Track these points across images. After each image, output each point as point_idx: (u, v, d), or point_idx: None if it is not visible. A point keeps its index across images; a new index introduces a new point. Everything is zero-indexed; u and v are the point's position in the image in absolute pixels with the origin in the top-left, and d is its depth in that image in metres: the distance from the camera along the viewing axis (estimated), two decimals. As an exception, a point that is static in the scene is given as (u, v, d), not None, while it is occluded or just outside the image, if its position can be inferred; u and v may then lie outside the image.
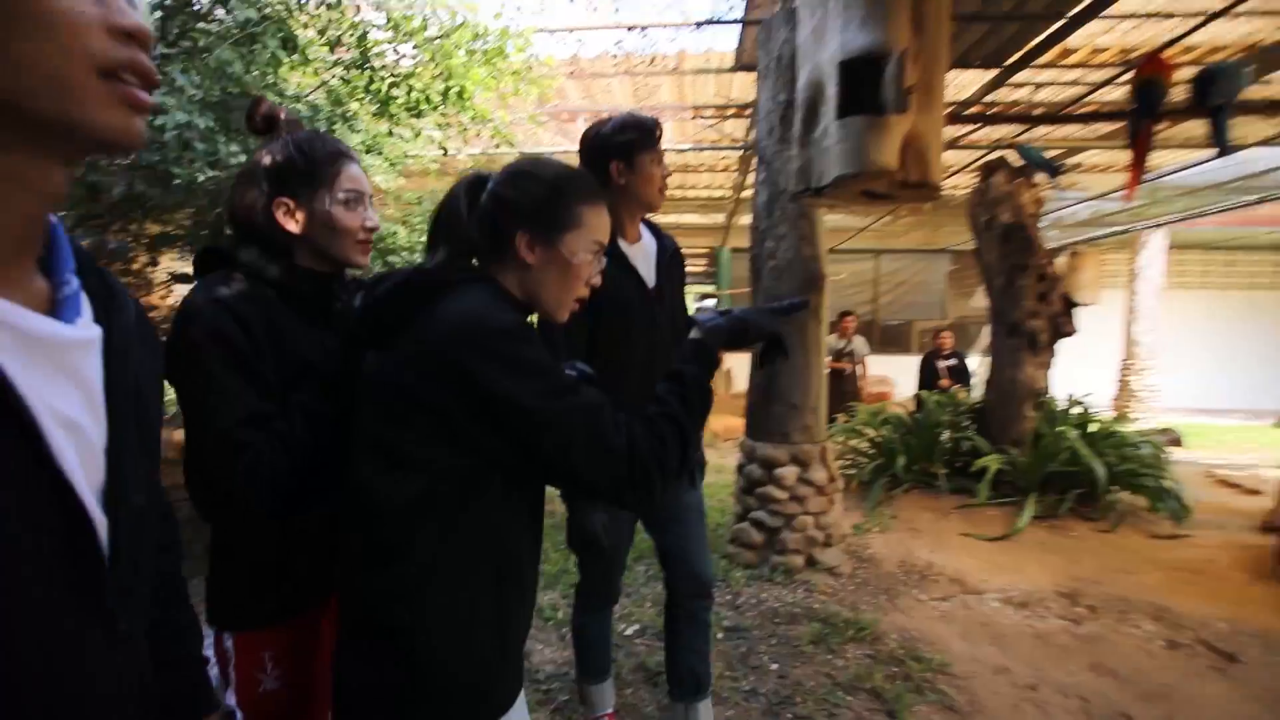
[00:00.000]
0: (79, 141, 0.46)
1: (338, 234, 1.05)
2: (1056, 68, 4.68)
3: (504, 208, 0.87)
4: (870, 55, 2.23)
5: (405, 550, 0.79)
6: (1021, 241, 4.09)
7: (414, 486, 0.78)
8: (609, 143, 1.53)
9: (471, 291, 0.83)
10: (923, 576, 3.16)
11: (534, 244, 0.86)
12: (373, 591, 0.80)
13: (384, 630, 0.79)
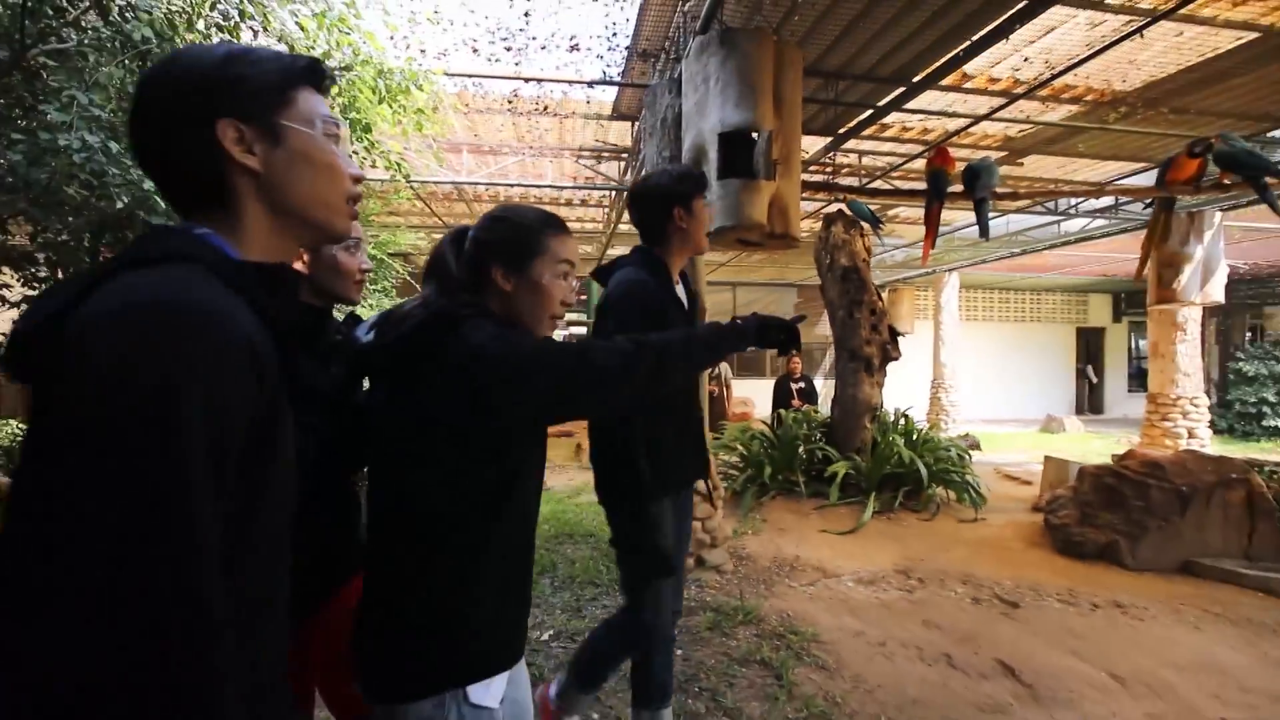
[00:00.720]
0: (326, 237, 0.72)
1: (340, 275, 1.22)
2: (876, 139, 5.69)
3: (480, 248, 1.04)
4: (743, 130, 2.72)
5: (443, 545, 0.94)
6: (857, 281, 4.90)
7: (454, 495, 0.94)
8: (672, 191, 1.66)
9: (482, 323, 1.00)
10: (792, 567, 3.66)
11: (508, 274, 1.02)
12: (414, 580, 0.94)
13: (429, 608, 0.93)
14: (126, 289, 0.54)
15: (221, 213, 0.65)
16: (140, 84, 0.64)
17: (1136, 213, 6.95)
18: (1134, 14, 3.62)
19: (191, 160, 0.63)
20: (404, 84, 3.14)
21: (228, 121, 0.62)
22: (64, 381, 0.51)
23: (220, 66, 0.63)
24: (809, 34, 3.84)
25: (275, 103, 0.65)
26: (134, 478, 0.49)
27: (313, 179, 0.67)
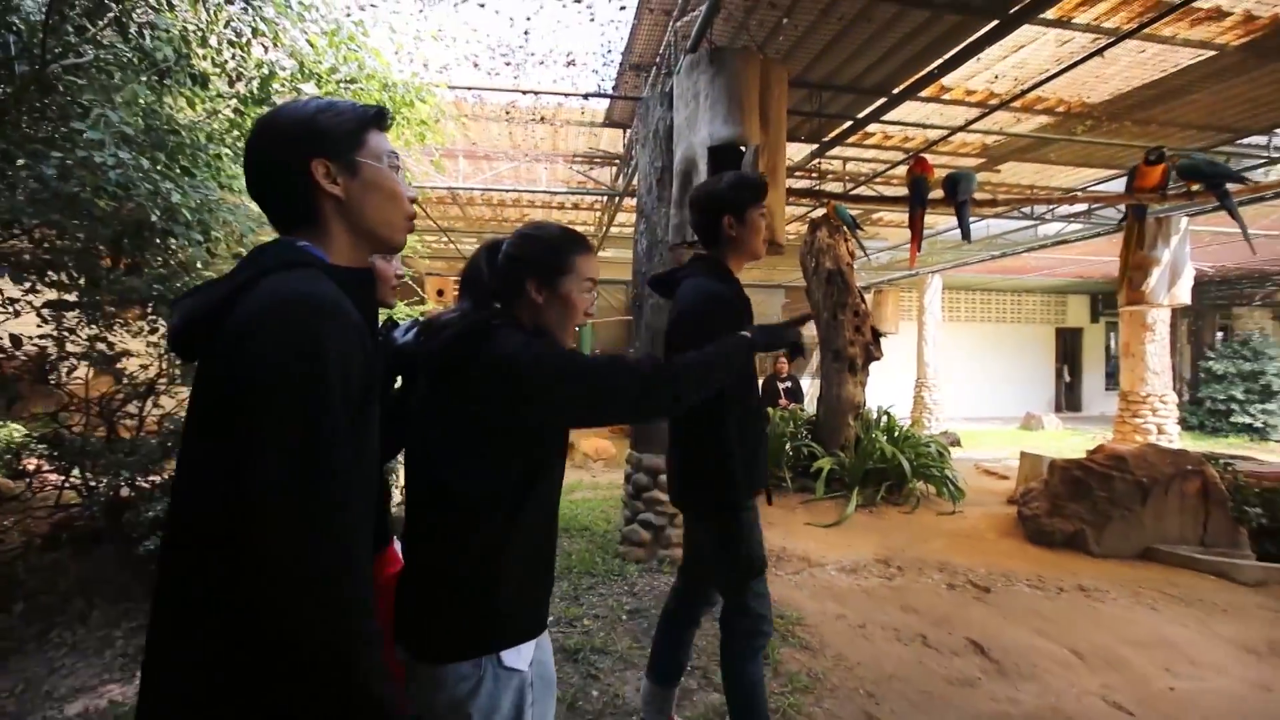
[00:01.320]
0: (389, 249, 0.92)
1: (380, 281, 1.38)
2: (859, 146, 5.89)
3: (515, 263, 1.15)
4: (732, 144, 2.89)
5: (476, 526, 1.05)
6: (841, 284, 5.10)
7: (488, 482, 1.06)
8: (724, 199, 1.68)
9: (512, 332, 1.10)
10: (779, 558, 3.84)
11: (540, 288, 1.14)
12: (452, 556, 1.05)
13: (464, 581, 1.04)
14: (275, 288, 0.73)
15: (313, 229, 0.84)
16: (253, 135, 0.84)
17: (1109, 217, 7.23)
18: (1099, 33, 3.84)
19: (291, 190, 0.83)
20: (408, 98, 3.27)
21: (319, 160, 0.82)
22: (245, 349, 0.70)
23: (312, 118, 0.83)
24: (794, 49, 4.02)
25: (353, 144, 0.84)
26: (304, 417, 0.69)
27: (380, 203, 0.86)
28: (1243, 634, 2.94)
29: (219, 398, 0.72)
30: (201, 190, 2.58)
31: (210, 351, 0.75)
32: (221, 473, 0.69)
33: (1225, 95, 4.34)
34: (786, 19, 3.49)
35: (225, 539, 0.69)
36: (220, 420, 0.71)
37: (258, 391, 0.69)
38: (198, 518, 0.73)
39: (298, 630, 0.68)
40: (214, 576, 0.71)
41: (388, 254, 1.10)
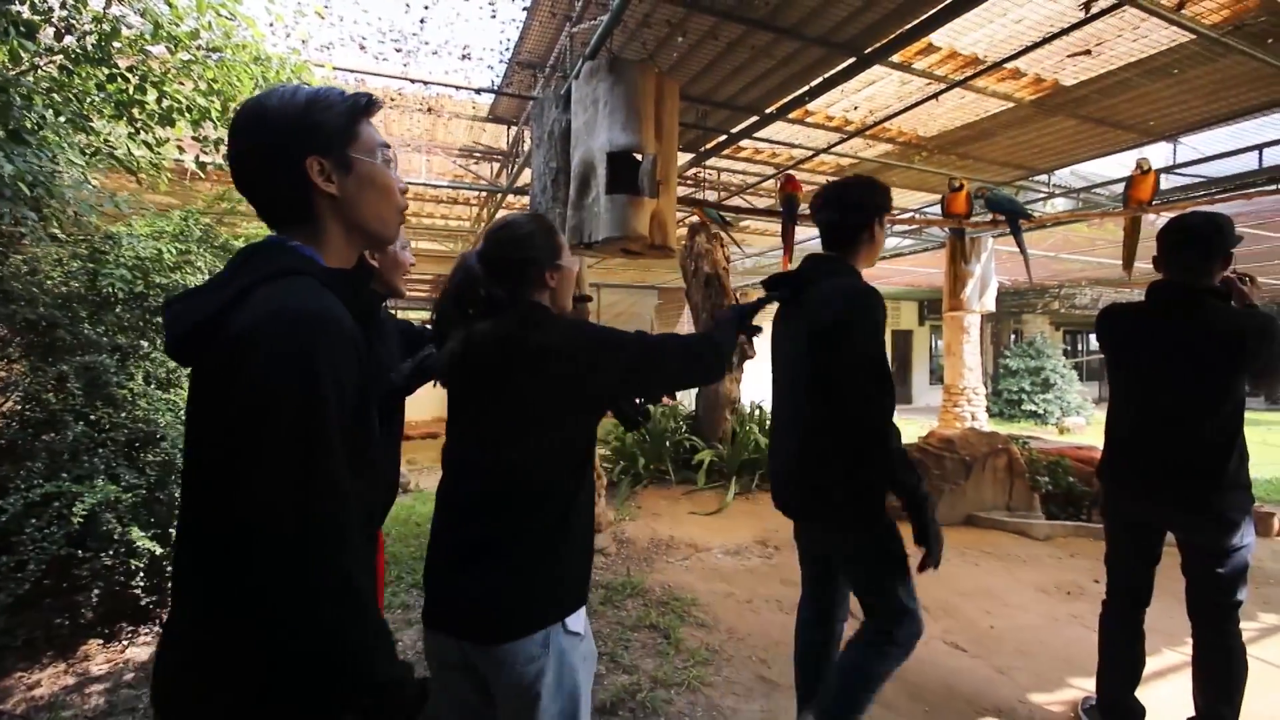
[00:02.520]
0: (381, 244, 0.92)
1: (399, 269, 1.52)
2: (733, 159, 6.32)
3: (526, 261, 1.22)
4: (629, 151, 3.03)
5: (542, 505, 1.12)
6: (718, 287, 5.45)
7: (556, 462, 1.14)
8: (875, 205, 1.74)
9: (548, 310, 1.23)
10: (668, 546, 4.05)
11: (552, 273, 1.24)
12: (517, 534, 1.11)
13: (532, 557, 1.10)
14: (270, 301, 0.72)
15: (305, 227, 0.82)
16: (236, 126, 0.80)
17: (935, 235, 8.39)
18: (931, 79, 4.48)
19: (285, 189, 0.81)
20: (282, 74, 3.03)
21: (313, 158, 0.79)
22: (241, 366, 0.69)
23: (304, 113, 0.80)
24: (679, 64, 4.25)
25: (346, 139, 0.82)
26: (297, 428, 0.69)
27: (374, 199, 0.85)
28: (1038, 578, 3.61)
29: (216, 407, 0.72)
30: (30, 159, 2.22)
31: (207, 359, 0.74)
32: (221, 479, 0.70)
33: (1020, 140, 5.25)
34: (682, 38, 3.69)
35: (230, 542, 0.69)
36: (218, 429, 0.71)
37: (254, 411, 0.68)
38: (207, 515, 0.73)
39: (302, 648, 0.68)
40: (221, 572, 0.70)
41: (380, 248, 1.09)
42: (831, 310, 1.64)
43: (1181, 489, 1.92)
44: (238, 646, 0.70)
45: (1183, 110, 4.49)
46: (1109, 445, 2.14)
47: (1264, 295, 2.13)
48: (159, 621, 2.86)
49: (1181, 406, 1.92)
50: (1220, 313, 1.88)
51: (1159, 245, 2.02)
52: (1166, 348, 1.94)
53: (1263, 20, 3.24)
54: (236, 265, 0.78)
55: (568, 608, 1.13)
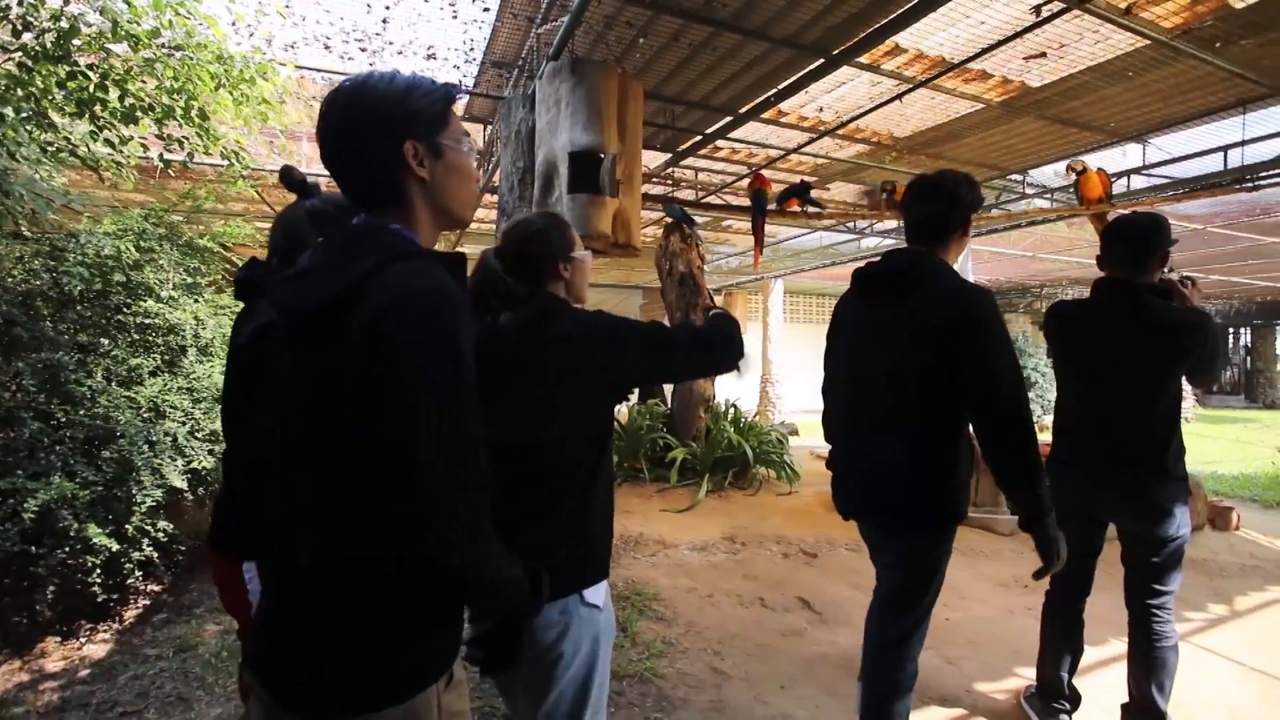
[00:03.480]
0: (460, 226, 0.96)
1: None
2: (710, 159, 6.36)
3: (543, 257, 1.29)
4: (591, 151, 3.06)
5: (571, 479, 1.21)
6: (692, 286, 5.49)
7: (585, 440, 1.23)
8: (971, 200, 1.72)
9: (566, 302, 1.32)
10: (637, 543, 4.08)
11: (567, 265, 1.31)
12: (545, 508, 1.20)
13: (559, 529, 1.19)
14: (407, 279, 0.77)
15: (397, 209, 0.86)
16: (336, 105, 0.83)
17: (913, 235, 8.46)
18: (900, 79, 4.53)
19: (381, 170, 0.84)
20: (246, 73, 3.04)
21: (410, 142, 0.83)
22: (392, 343, 0.74)
23: (404, 98, 0.83)
24: (649, 64, 4.29)
25: (439, 126, 0.86)
26: (450, 396, 0.77)
27: (459, 184, 0.90)
28: (998, 572, 3.67)
29: (356, 379, 0.75)
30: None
31: (335, 335, 0.77)
32: (360, 444, 0.76)
33: (989, 141, 5.32)
34: (643, 39, 3.72)
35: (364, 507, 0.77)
36: (355, 400, 0.75)
37: (409, 375, 0.74)
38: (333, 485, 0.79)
39: (455, 574, 0.78)
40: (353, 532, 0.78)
41: (458, 228, 1.10)
42: (953, 310, 1.57)
43: (1122, 479, 1.98)
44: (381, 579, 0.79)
45: (1142, 112, 4.57)
46: (1055, 437, 2.20)
47: (1204, 296, 2.20)
48: (119, 619, 2.87)
49: (1121, 399, 1.98)
50: (1157, 309, 1.94)
51: (1101, 243, 2.09)
52: (1107, 342, 2.00)
53: (1209, 25, 3.31)
54: (343, 247, 0.82)
55: (588, 580, 1.21)
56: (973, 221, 1.76)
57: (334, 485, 0.79)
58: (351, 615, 0.79)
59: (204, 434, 3.08)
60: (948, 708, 2.33)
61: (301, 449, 0.82)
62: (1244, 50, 3.58)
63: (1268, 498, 5.67)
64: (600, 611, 1.21)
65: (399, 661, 0.80)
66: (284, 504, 0.84)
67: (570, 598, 1.17)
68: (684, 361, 1.34)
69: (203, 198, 3.60)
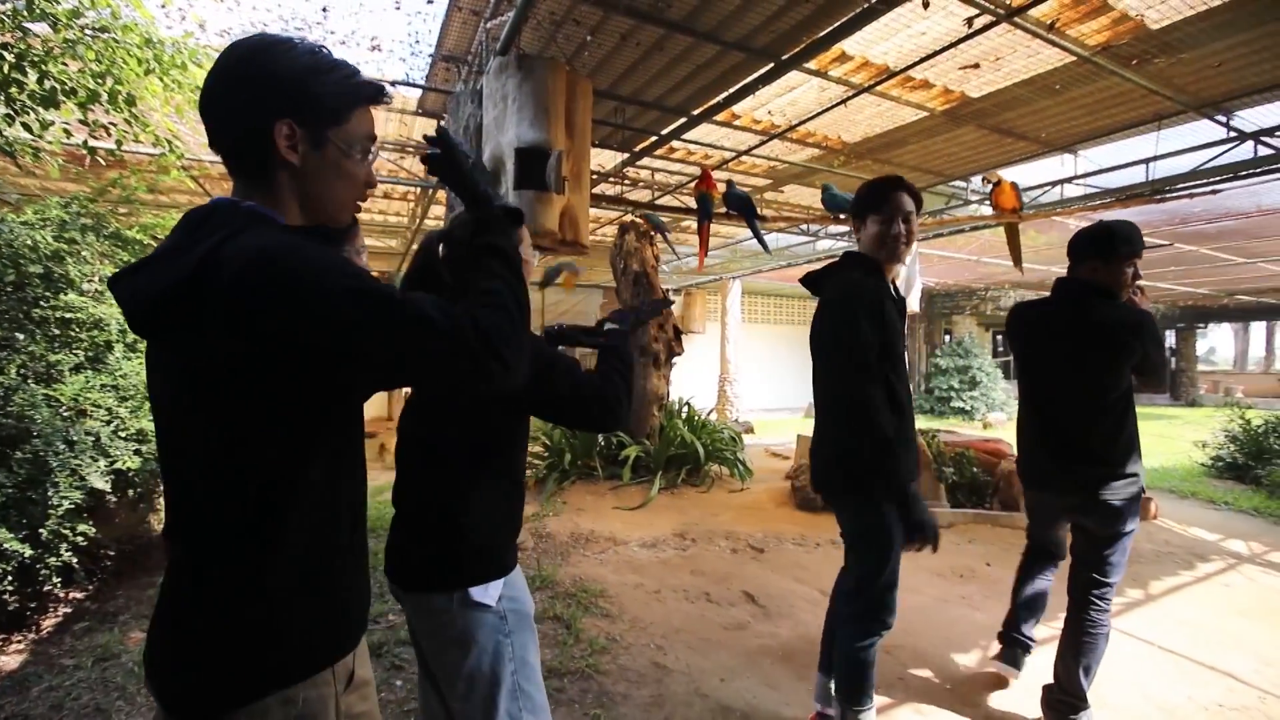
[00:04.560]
0: (332, 225, 0.88)
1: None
2: (666, 159, 6.41)
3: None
4: (538, 147, 3.05)
5: (454, 478, 1.26)
6: (646, 285, 5.52)
7: (463, 441, 1.26)
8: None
9: None
10: (587, 540, 4.09)
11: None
12: (429, 504, 1.27)
13: (443, 519, 1.25)
14: (256, 241, 0.71)
15: (264, 190, 0.81)
16: (231, 53, 0.77)
17: (864, 238, 8.68)
18: (847, 86, 4.66)
19: (246, 141, 0.79)
20: (178, 59, 2.92)
21: (287, 123, 0.78)
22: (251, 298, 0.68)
23: (302, 77, 0.78)
24: (603, 64, 4.30)
25: (332, 119, 0.81)
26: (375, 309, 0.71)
27: (336, 184, 0.84)
28: (936, 563, 3.81)
29: (235, 348, 0.70)
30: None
31: (189, 316, 0.70)
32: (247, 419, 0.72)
33: (932, 148, 5.52)
34: (590, 36, 3.73)
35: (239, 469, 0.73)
36: (243, 370, 0.70)
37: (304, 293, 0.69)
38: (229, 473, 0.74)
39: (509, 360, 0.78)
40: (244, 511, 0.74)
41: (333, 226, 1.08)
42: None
43: (1076, 475, 2.07)
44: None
45: (1071, 124, 4.81)
46: (1018, 436, 2.31)
47: (1150, 302, 2.35)
48: (36, 628, 2.73)
49: (1072, 396, 2.09)
50: (1103, 308, 2.05)
51: (1069, 249, 2.20)
52: (1057, 339, 2.11)
53: (1127, 44, 3.51)
54: (193, 227, 0.76)
55: (473, 578, 1.22)
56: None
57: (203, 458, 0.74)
58: (216, 594, 0.74)
59: (130, 433, 2.95)
60: (880, 695, 2.41)
61: (172, 447, 0.77)
62: (1158, 68, 3.81)
63: (1183, 489, 6.04)
64: (488, 608, 1.22)
65: (274, 644, 0.75)
66: (167, 499, 0.79)
67: (455, 592, 1.21)
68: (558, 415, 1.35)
69: (133, 187, 3.44)
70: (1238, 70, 3.86)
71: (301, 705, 0.76)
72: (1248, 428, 6.63)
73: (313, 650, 0.79)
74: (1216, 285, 12.71)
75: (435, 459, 1.27)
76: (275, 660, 0.76)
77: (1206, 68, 3.83)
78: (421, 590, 1.23)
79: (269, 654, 0.75)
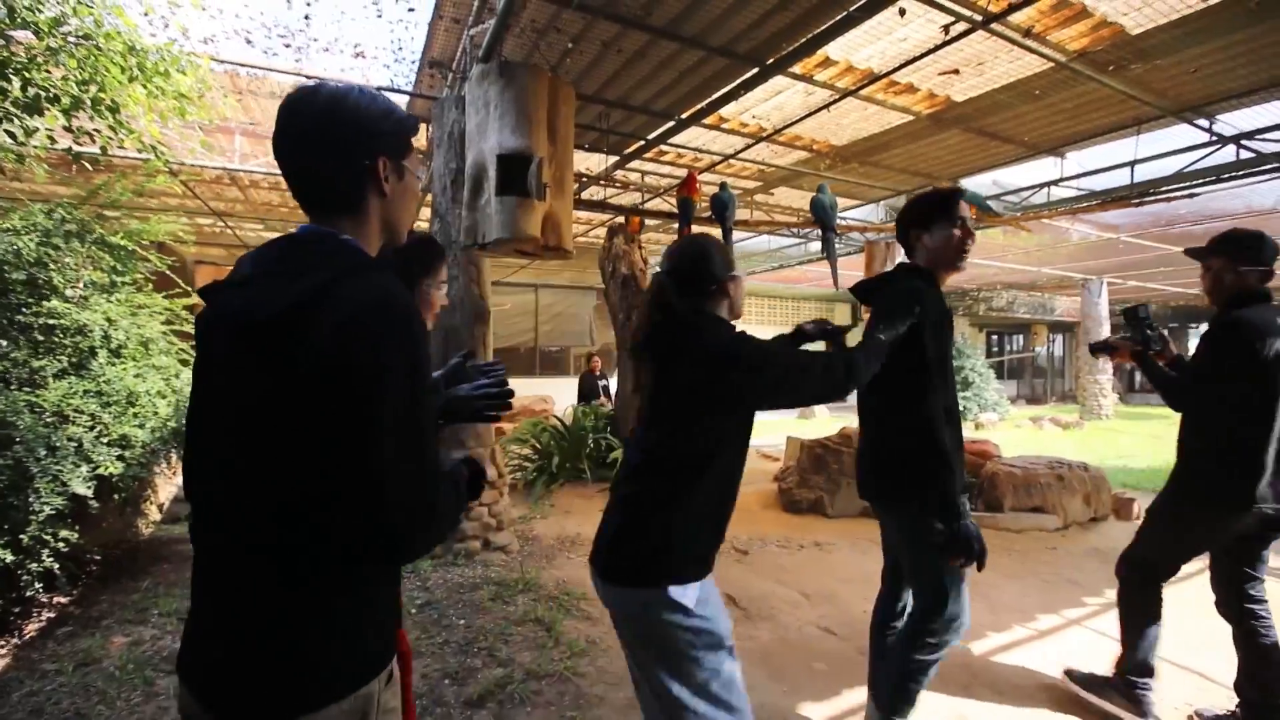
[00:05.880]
0: (396, 243, 0.99)
1: (428, 307, 1.46)
2: (655, 162, 6.44)
3: (709, 272, 1.48)
4: (519, 154, 3.07)
5: (670, 482, 1.35)
6: (634, 288, 5.55)
7: (684, 449, 1.35)
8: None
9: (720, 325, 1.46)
10: (574, 543, 4.11)
11: (729, 286, 1.50)
12: (645, 503, 1.36)
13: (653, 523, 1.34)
14: (370, 289, 0.80)
15: (354, 219, 0.90)
16: (312, 109, 0.85)
17: (855, 240, 8.73)
18: (832, 90, 4.70)
19: (349, 179, 0.88)
20: (161, 66, 2.94)
21: (384, 158, 0.89)
22: (357, 351, 0.76)
23: (384, 117, 0.90)
24: (589, 70, 4.32)
25: (406, 149, 0.94)
26: (412, 400, 0.80)
27: (409, 205, 0.98)
28: (918, 566, 3.84)
29: (316, 386, 0.76)
30: None
31: (284, 348, 0.77)
32: (320, 452, 0.77)
33: (918, 151, 5.56)
34: (573, 44, 3.76)
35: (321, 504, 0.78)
36: (315, 406, 0.76)
37: (376, 380, 0.76)
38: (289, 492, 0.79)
39: (412, 550, 0.83)
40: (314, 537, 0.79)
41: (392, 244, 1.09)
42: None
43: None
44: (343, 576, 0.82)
45: (1054, 128, 4.85)
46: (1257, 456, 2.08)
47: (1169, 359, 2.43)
48: (18, 633, 2.75)
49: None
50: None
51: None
52: None
53: (1105, 50, 3.55)
54: (292, 255, 0.85)
55: (672, 576, 1.30)
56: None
57: (283, 484, 0.79)
58: (295, 610, 0.79)
59: (113, 439, 2.97)
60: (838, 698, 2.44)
61: (249, 453, 0.81)
62: (1136, 74, 3.85)
63: (1171, 490, 6.07)
64: (685, 608, 1.29)
65: (346, 656, 0.82)
66: (225, 503, 0.83)
67: (654, 589, 1.30)
68: (805, 396, 1.44)
69: (119, 193, 3.45)
70: (1215, 76, 3.91)
71: (352, 702, 0.82)
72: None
73: (380, 655, 0.87)
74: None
75: (655, 464, 1.37)
76: (350, 668, 0.83)
77: (1184, 73, 3.87)
78: (621, 585, 1.34)
79: (346, 663, 0.83)
